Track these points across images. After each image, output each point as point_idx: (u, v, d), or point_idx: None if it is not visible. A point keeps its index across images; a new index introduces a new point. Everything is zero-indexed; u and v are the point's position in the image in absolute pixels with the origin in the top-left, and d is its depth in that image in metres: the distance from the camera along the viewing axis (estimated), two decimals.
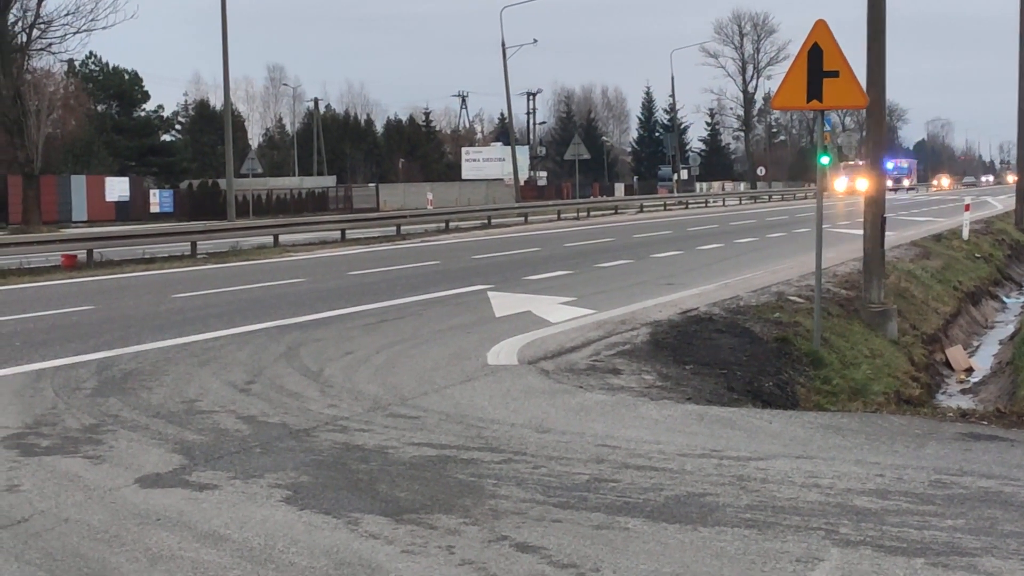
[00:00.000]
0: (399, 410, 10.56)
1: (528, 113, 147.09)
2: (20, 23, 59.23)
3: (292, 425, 9.93)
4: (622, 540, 6.69)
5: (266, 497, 7.65)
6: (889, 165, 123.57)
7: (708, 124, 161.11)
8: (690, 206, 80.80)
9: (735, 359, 14.13)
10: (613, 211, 71.46)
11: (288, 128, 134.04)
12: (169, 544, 6.69)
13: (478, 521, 7.06)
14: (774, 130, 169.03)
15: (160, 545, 6.67)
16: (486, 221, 54.25)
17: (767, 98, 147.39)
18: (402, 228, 46.27)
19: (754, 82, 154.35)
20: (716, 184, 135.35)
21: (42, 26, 59.17)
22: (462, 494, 7.67)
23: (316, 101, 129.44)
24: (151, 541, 6.75)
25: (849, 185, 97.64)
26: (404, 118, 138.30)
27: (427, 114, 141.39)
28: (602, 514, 7.19)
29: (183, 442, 9.29)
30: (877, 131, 19.99)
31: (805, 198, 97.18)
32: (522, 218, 57.70)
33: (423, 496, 7.62)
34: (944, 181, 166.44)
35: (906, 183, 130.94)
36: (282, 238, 40.02)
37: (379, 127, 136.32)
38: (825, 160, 16.75)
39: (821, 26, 15.14)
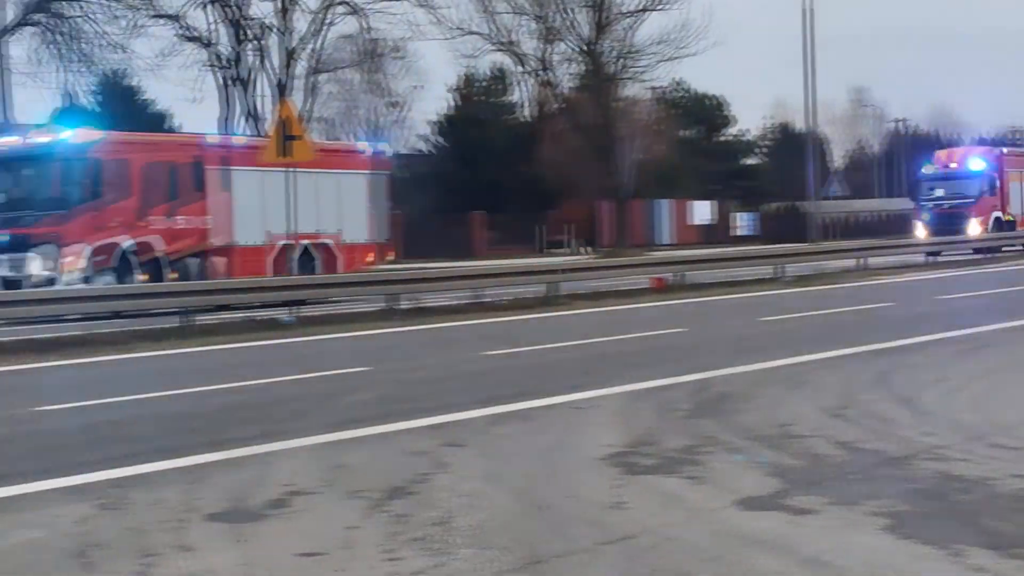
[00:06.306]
0: (999, 440, 10.19)
1: None
2: (612, 53, 61.76)
3: (887, 452, 9.79)
4: None
5: (865, 524, 7.57)
6: None
7: None
8: None
9: None
10: None
11: (871, 150, 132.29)
12: (770, 567, 6.75)
13: None
14: None
15: (762, 568, 6.73)
16: None
17: None
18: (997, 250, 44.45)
19: None
20: None
21: (633, 56, 61.41)
22: None
23: (899, 122, 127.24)
24: (752, 563, 6.82)
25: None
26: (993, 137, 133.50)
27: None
28: None
29: (779, 466, 9.35)
30: None
31: None
32: None
33: None
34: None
35: (975, 224, 49.07)
36: (867, 261, 39.49)
37: None
38: None
39: None
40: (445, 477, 9.18)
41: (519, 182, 71.43)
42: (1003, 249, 45.69)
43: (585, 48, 61.31)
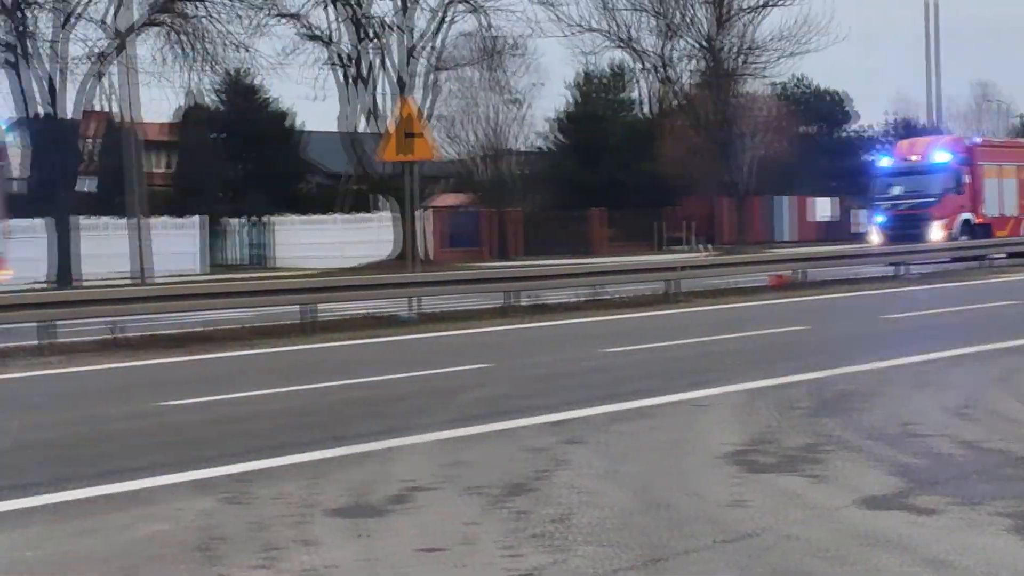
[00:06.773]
0: None
1: None
2: (733, 49, 61.39)
3: (1012, 452, 9.65)
4: None
5: (987, 525, 7.47)
6: None
7: None
8: None
9: None
10: None
11: None
12: (892, 567, 6.67)
13: None
14: None
15: (883, 568, 6.66)
16: None
17: None
18: None
19: None
20: None
21: (754, 51, 60.99)
22: None
23: (1021, 117, 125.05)
24: (874, 562, 6.75)
25: None
26: None
27: None
28: None
29: (900, 465, 9.24)
30: None
31: None
32: None
33: None
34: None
35: (937, 228, 42.67)
36: (992, 259, 38.86)
37: None
38: None
39: None
40: (564, 474, 9.20)
41: (638, 179, 71.23)
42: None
43: (705, 44, 61.00)
